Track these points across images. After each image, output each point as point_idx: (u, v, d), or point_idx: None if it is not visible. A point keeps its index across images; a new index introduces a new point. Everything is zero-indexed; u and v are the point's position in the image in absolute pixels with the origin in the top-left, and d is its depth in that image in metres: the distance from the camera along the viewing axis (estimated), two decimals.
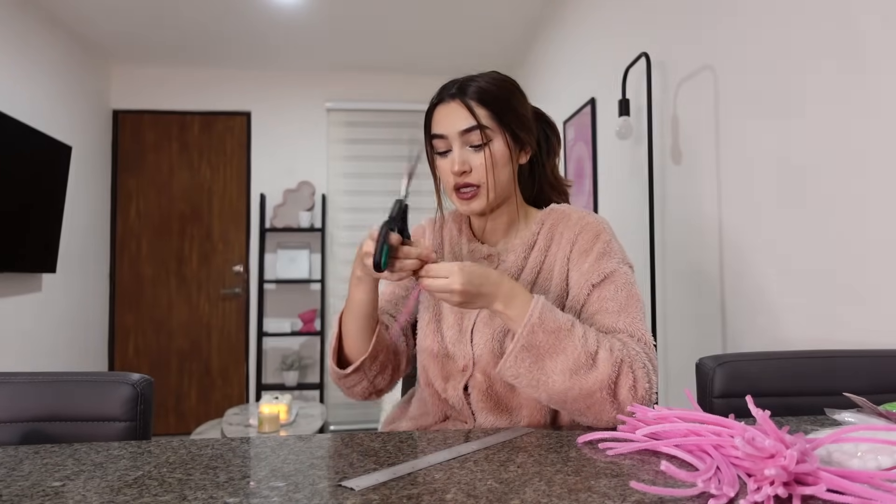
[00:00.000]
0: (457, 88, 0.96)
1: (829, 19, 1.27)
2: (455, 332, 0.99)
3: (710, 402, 0.99)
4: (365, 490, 0.57)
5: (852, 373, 1.01)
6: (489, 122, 0.94)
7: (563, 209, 1.03)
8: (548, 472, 0.62)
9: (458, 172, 0.95)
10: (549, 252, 0.99)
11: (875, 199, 1.15)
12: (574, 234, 0.97)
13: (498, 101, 0.95)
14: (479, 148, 0.94)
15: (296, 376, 3.89)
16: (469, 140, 0.94)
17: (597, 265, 0.93)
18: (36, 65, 3.12)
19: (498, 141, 0.95)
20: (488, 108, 0.94)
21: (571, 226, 0.98)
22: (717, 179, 1.70)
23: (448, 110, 0.95)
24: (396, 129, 4.20)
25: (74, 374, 0.89)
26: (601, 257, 0.93)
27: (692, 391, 1.04)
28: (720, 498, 0.51)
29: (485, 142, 0.94)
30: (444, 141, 0.96)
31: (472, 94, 0.94)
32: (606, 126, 2.50)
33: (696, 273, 1.82)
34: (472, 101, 0.94)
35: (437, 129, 0.97)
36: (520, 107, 0.99)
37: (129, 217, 4.03)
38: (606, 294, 0.91)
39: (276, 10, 3.22)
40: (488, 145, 0.94)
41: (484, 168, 0.94)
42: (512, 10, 3.23)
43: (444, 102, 0.96)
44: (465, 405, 0.97)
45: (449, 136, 0.95)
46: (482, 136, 0.94)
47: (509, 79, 1.00)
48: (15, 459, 0.69)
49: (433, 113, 0.98)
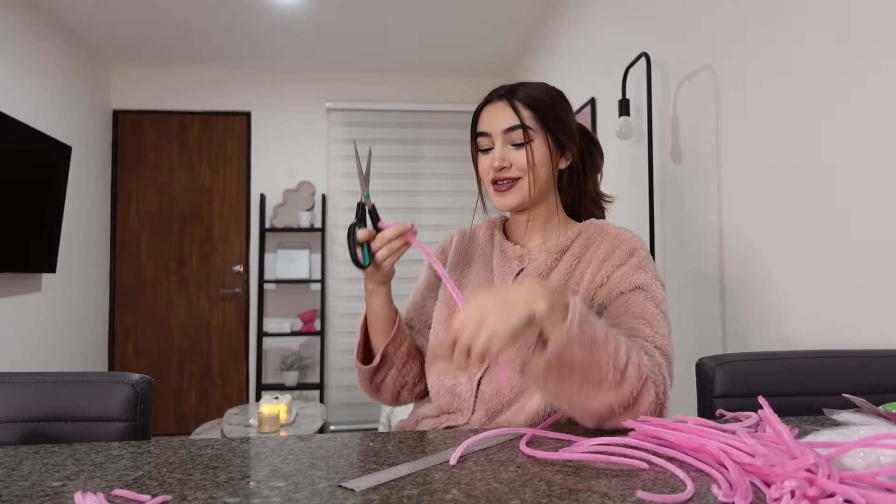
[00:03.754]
0: (505, 91, 1.02)
1: (829, 19, 1.27)
2: None
3: (710, 402, 0.99)
4: (365, 490, 0.57)
5: (852, 373, 1.01)
6: (532, 122, 0.98)
7: (602, 224, 1.04)
8: (548, 472, 0.62)
9: (497, 168, 0.99)
10: (583, 259, 0.99)
11: (875, 198, 1.15)
12: (610, 248, 0.98)
13: (542, 104, 1.00)
14: (521, 146, 0.98)
15: (296, 376, 3.89)
16: (511, 139, 0.99)
17: (629, 275, 0.93)
18: (36, 65, 3.12)
19: (539, 141, 0.99)
20: (532, 109, 0.99)
21: (609, 240, 0.99)
22: (717, 179, 1.70)
23: (494, 110, 1.01)
24: (396, 129, 4.20)
25: (74, 374, 0.89)
26: (634, 270, 0.94)
27: (692, 391, 1.04)
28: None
29: (527, 141, 0.98)
30: (488, 139, 1.01)
31: (518, 95, 1.00)
32: (606, 126, 2.50)
33: (697, 273, 1.82)
34: (517, 102, 0.99)
35: (482, 127, 1.02)
36: (563, 113, 1.03)
37: (128, 217, 4.03)
38: (635, 300, 0.91)
39: (276, 10, 3.22)
40: (529, 144, 0.98)
41: (524, 164, 0.98)
42: (512, 9, 3.23)
43: (492, 103, 1.02)
44: (472, 396, 0.97)
45: (493, 133, 1.00)
46: (524, 136, 0.97)
47: (556, 89, 1.05)
48: (15, 459, 0.69)
49: (480, 113, 1.03)
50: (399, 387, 1.06)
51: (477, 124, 1.03)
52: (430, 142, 4.22)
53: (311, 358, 4.06)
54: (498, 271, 1.05)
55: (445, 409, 1.00)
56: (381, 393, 1.07)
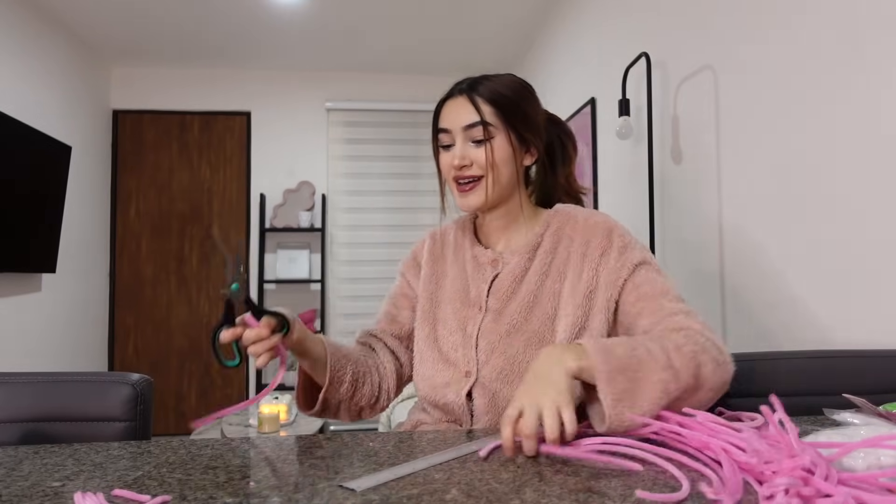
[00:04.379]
0: (466, 85, 0.98)
1: (829, 19, 1.27)
2: (459, 337, 0.98)
3: None
4: (365, 490, 0.57)
5: (852, 373, 1.01)
6: (493, 119, 0.96)
7: (568, 210, 1.02)
8: (548, 472, 0.62)
9: (457, 166, 0.96)
10: (557, 254, 0.98)
11: (875, 198, 1.15)
12: (586, 237, 0.96)
13: (505, 99, 0.96)
14: (481, 143, 0.95)
15: (296, 376, 3.88)
16: (472, 135, 0.96)
17: (622, 259, 0.93)
18: (36, 65, 3.11)
19: (501, 139, 0.96)
20: (494, 105, 0.96)
21: (580, 228, 0.98)
22: (717, 179, 1.70)
23: (454, 105, 0.98)
24: (396, 129, 4.20)
25: (74, 374, 0.89)
26: (623, 251, 0.93)
27: None
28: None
29: (487, 138, 0.95)
30: (448, 135, 0.98)
31: (480, 91, 0.96)
32: (606, 126, 2.50)
33: (697, 273, 1.82)
34: (478, 98, 0.96)
35: (442, 122, 0.99)
36: (529, 109, 0.99)
37: (128, 217, 4.03)
38: (641, 280, 0.91)
39: (276, 9, 3.22)
40: (490, 142, 0.95)
41: (484, 162, 0.95)
42: (512, 9, 3.23)
43: (453, 98, 0.99)
44: (465, 411, 0.95)
45: (453, 130, 0.97)
46: (484, 133, 0.95)
47: (523, 82, 1.02)
48: (15, 459, 0.69)
49: (441, 108, 1.00)
50: (356, 412, 1.02)
51: (438, 120, 1.01)
52: (429, 142, 4.20)
53: None
54: (472, 279, 1.02)
55: (443, 418, 1.00)
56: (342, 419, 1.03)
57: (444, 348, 1.00)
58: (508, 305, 0.97)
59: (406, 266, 1.15)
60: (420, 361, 1.03)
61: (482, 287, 1.00)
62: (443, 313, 1.03)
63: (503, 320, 0.96)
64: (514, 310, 0.96)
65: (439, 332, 1.01)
